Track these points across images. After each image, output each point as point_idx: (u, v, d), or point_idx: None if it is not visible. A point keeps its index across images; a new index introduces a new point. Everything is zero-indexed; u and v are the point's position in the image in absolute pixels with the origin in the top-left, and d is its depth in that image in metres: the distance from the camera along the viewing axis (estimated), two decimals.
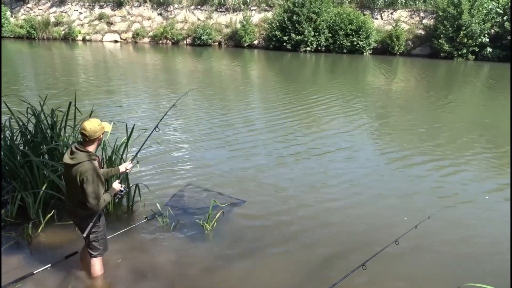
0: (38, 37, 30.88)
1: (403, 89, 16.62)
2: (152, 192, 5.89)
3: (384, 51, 26.97)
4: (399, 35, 26.35)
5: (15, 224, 4.95)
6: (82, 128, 3.62)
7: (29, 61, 21.54)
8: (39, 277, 4.07)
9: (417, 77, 19.36)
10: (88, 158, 3.61)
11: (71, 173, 3.62)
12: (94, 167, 3.63)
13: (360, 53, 26.78)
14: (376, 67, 22.63)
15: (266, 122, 10.50)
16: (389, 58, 25.59)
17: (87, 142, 3.67)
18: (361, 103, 13.26)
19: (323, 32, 26.71)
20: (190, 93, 14.25)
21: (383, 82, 17.99)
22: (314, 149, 8.48)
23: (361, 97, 14.34)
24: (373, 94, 15.22)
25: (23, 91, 13.17)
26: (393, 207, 6.05)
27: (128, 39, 31.05)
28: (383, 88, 16.47)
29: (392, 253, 4.47)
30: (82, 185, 3.59)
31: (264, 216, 5.64)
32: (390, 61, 24.51)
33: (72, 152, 3.64)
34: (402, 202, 6.24)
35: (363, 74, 20.75)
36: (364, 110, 12.33)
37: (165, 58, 24.18)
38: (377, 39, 27.03)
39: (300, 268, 4.55)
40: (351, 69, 22.33)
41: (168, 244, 4.87)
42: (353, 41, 26.43)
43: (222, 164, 7.47)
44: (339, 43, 26.81)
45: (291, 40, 26.87)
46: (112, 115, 10.01)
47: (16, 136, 5.67)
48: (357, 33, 26.32)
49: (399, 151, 8.53)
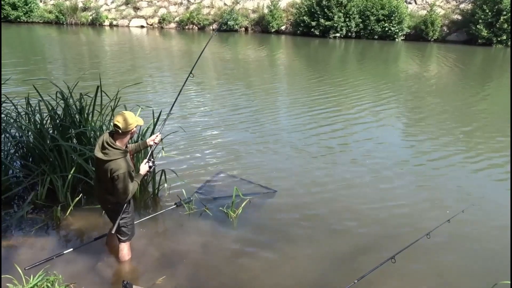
0: (66, 22, 31.52)
1: (437, 77, 16.17)
2: (179, 178, 5.94)
3: (417, 37, 26.26)
4: (434, 20, 25.58)
5: (45, 207, 5.11)
6: (116, 120, 3.60)
7: (57, 46, 22.04)
8: (68, 258, 4.19)
9: (452, 65, 18.77)
10: (120, 155, 3.61)
11: (102, 166, 3.65)
12: (126, 164, 3.64)
13: (391, 39, 26.17)
14: (409, 53, 22.09)
15: (294, 110, 10.44)
16: (423, 45, 24.92)
17: (119, 135, 3.66)
18: (392, 91, 12.98)
19: (354, 17, 26.20)
20: (217, 80, 14.33)
21: (416, 69, 17.55)
22: (344, 138, 8.39)
23: (392, 85, 14.05)
24: (405, 82, 14.88)
25: (52, 75, 13.50)
26: (425, 200, 5.92)
27: (154, 24, 31.32)
28: (416, 76, 16.06)
29: (423, 246, 4.38)
30: (112, 181, 3.64)
31: (292, 206, 5.63)
32: (424, 48, 23.86)
33: (104, 147, 3.62)
34: (434, 194, 6.09)
35: (395, 61, 20.30)
36: (395, 98, 12.08)
37: (190, 44, 24.28)
38: (410, 24, 26.33)
39: (327, 260, 4.52)
40: (382, 56, 21.86)
41: (194, 231, 4.93)
42: (384, 26, 25.83)
43: (251, 152, 7.47)
44: (370, 28, 26.27)
45: (320, 25, 26.48)
46: (138, 100, 10.15)
47: (45, 120, 5.82)
48: (389, 19, 25.69)
49: (432, 142, 8.32)
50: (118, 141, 3.67)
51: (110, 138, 3.65)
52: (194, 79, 13.85)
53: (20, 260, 4.07)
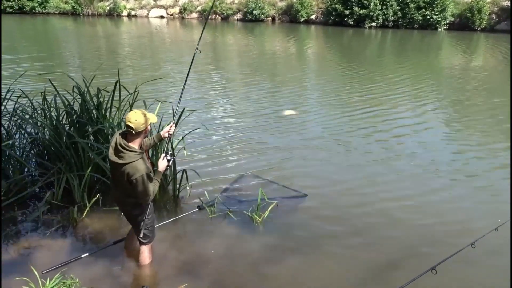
0: (83, 13, 32.29)
1: (484, 70, 15.78)
2: (201, 178, 6.00)
3: (462, 26, 25.71)
4: (481, 8, 24.97)
5: (61, 207, 5.26)
6: (127, 120, 3.61)
7: (74, 38, 22.59)
8: (85, 261, 4.31)
9: (501, 56, 18.27)
10: (136, 157, 3.64)
11: (118, 170, 3.70)
12: (144, 166, 3.67)
13: (433, 29, 25.70)
14: (453, 44, 21.64)
15: (324, 108, 10.41)
16: (468, 34, 24.36)
17: (133, 136, 3.68)
18: (433, 85, 12.78)
19: (391, 4, 25.85)
20: (242, 74, 14.40)
21: (461, 62, 17.17)
22: (382, 139, 8.31)
23: (434, 80, 13.81)
24: (448, 76, 14.59)
25: (68, 70, 13.87)
26: (470, 206, 5.81)
27: (175, 14, 31.70)
28: (460, 70, 15.72)
29: (467, 257, 4.29)
30: (130, 184, 3.69)
31: (322, 210, 5.61)
32: (470, 38, 23.32)
33: (118, 149, 3.65)
34: (480, 201, 5.97)
35: (437, 53, 19.91)
36: (436, 94, 11.87)
37: (213, 36, 24.46)
38: (455, 12, 25.81)
39: (360, 268, 4.49)
40: (422, 47, 21.50)
41: (217, 235, 4.97)
42: (425, 14, 25.40)
43: (279, 152, 7.46)
44: (409, 17, 25.87)
45: (354, 14, 26.25)
46: (157, 95, 10.30)
47: (62, 116, 5.98)
48: (431, 6, 25.25)
49: (477, 142, 8.14)
50: (132, 142, 3.69)
51: (123, 140, 3.67)
52: (217, 74, 13.99)
53: (36, 263, 4.21)
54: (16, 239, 4.77)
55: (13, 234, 4.83)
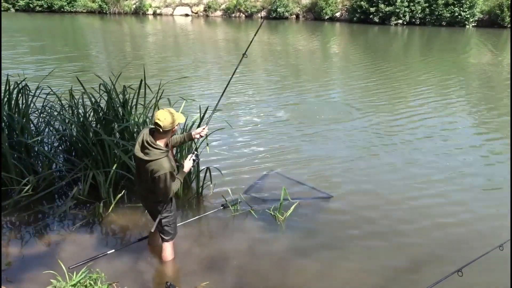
0: (109, 11, 32.83)
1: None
2: (225, 176, 6.04)
3: (491, 24, 25.12)
4: None
5: (87, 203, 5.37)
6: (156, 117, 3.66)
7: (100, 36, 22.99)
8: (111, 256, 4.39)
9: None
10: (161, 155, 3.69)
11: (142, 166, 3.75)
12: (168, 165, 3.72)
13: (461, 26, 25.18)
14: (482, 42, 21.14)
15: (349, 107, 10.29)
16: (498, 32, 23.76)
17: (160, 134, 3.71)
18: (461, 84, 12.52)
19: (418, 1, 25.40)
20: (267, 72, 14.40)
21: (490, 60, 16.76)
22: (410, 140, 8.18)
23: (463, 78, 13.52)
24: (476, 75, 14.28)
25: (95, 67, 14.12)
26: (498, 207, 5.67)
27: (200, 12, 31.91)
28: (489, 68, 15.35)
29: (495, 259, 4.17)
30: (153, 181, 3.75)
31: (346, 210, 5.57)
32: (499, 35, 22.74)
33: (144, 146, 3.70)
34: (508, 202, 5.82)
35: (465, 50, 19.49)
36: (464, 93, 11.63)
37: (237, 34, 24.51)
38: (484, 9, 25.22)
39: (384, 270, 4.45)
40: (450, 45, 21.08)
41: (240, 234, 5.01)
42: (454, 11, 24.89)
43: (303, 152, 7.41)
44: (437, 14, 25.42)
45: (379, 11, 25.92)
46: (182, 93, 10.40)
47: (88, 113, 6.10)
48: (460, 2, 24.72)
49: (506, 143, 7.93)
50: (158, 140, 3.73)
51: (150, 137, 3.71)
52: (242, 72, 14.01)
53: (63, 257, 4.31)
54: (45, 232, 4.89)
55: (41, 228, 4.96)
